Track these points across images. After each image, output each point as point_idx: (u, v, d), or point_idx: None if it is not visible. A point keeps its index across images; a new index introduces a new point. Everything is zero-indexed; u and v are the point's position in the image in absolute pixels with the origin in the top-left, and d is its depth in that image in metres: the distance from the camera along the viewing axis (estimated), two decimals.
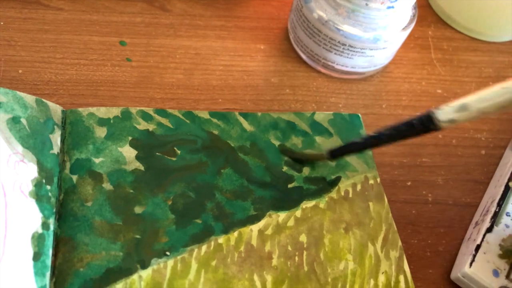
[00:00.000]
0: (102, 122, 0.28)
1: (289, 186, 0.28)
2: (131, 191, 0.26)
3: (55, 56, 0.32)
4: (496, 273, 0.26)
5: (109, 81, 0.31)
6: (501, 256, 0.26)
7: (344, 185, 0.29)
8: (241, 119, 0.30)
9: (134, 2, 0.36)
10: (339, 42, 0.31)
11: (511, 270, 0.26)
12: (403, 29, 0.32)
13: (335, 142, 0.30)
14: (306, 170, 0.29)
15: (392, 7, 0.30)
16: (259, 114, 0.31)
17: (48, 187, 0.24)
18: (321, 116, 0.31)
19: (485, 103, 0.21)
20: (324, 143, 0.30)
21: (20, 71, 0.31)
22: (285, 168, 0.29)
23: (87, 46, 0.33)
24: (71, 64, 0.32)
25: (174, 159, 0.27)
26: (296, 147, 0.30)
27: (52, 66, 0.31)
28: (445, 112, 0.22)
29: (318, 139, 0.30)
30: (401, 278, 0.26)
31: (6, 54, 0.31)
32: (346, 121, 0.31)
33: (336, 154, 0.28)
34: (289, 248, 0.26)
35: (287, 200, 0.27)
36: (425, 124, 0.23)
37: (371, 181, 0.29)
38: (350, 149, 0.27)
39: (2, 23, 0.33)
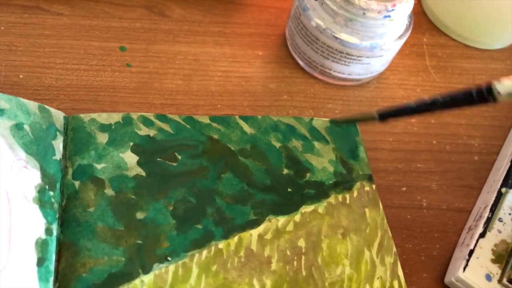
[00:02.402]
0: (103, 128, 0.28)
1: (289, 190, 0.29)
2: (133, 196, 0.26)
3: (56, 61, 0.32)
4: (488, 277, 0.27)
5: (109, 87, 0.32)
6: (493, 261, 0.27)
7: (341, 190, 0.29)
8: (241, 122, 0.31)
9: (134, 7, 0.36)
10: (336, 49, 0.32)
11: (503, 275, 0.27)
12: (399, 37, 0.32)
13: (331, 149, 0.31)
14: (306, 174, 0.29)
15: (389, 16, 0.30)
16: (259, 117, 0.31)
17: (51, 193, 0.25)
18: (319, 123, 0.32)
19: None
20: (323, 149, 0.31)
21: (21, 76, 0.31)
22: (285, 171, 0.29)
23: (87, 51, 0.33)
24: (71, 70, 0.32)
25: (174, 164, 0.28)
26: (297, 150, 0.30)
27: (52, 71, 0.32)
28: (505, 86, 0.22)
29: (317, 144, 0.31)
30: (395, 283, 0.27)
31: (7, 59, 0.31)
32: (342, 128, 0.32)
33: (386, 115, 0.28)
34: (288, 252, 0.26)
35: (286, 204, 0.28)
36: (484, 96, 0.23)
37: (367, 188, 0.30)
38: (402, 111, 0.27)
39: (2, 28, 0.33)
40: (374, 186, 0.30)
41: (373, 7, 0.30)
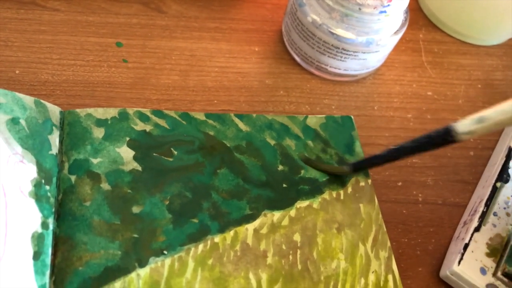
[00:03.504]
0: (99, 123, 0.28)
1: (284, 185, 0.29)
2: (129, 191, 0.26)
3: (52, 57, 0.32)
4: (483, 271, 0.27)
5: (105, 82, 0.32)
6: (488, 255, 0.27)
7: (336, 186, 0.29)
8: (237, 120, 0.31)
9: (130, 3, 0.36)
10: (332, 45, 0.32)
11: (498, 268, 0.27)
12: (395, 32, 0.32)
13: (326, 147, 0.31)
14: (300, 171, 0.29)
15: (385, 11, 0.30)
16: (254, 115, 0.31)
17: (47, 187, 0.25)
18: (314, 120, 0.32)
19: (502, 116, 0.21)
20: (316, 147, 0.31)
21: (17, 72, 0.31)
22: (280, 167, 0.29)
23: (84, 47, 0.33)
24: (67, 65, 0.32)
25: (171, 159, 0.28)
26: (290, 148, 0.30)
27: (49, 67, 0.32)
28: (463, 125, 0.23)
29: (309, 143, 0.31)
30: (390, 277, 0.27)
31: (3, 55, 0.31)
32: (338, 124, 0.32)
33: (358, 167, 0.29)
34: (284, 247, 0.27)
35: (282, 199, 0.28)
36: (444, 137, 0.24)
37: (362, 183, 0.30)
38: (372, 162, 0.28)
39: None
40: (369, 181, 0.30)
41: (369, 2, 0.30)
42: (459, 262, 0.27)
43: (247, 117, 0.31)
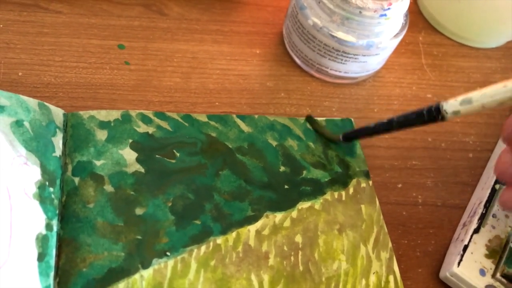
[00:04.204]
0: (102, 125, 0.28)
1: (286, 187, 0.29)
2: (132, 193, 0.27)
3: (54, 59, 0.32)
4: (482, 272, 0.27)
5: (108, 84, 0.32)
6: (487, 256, 0.28)
7: (337, 187, 0.30)
8: (239, 121, 0.31)
9: (132, 6, 0.36)
10: (333, 48, 0.32)
11: (497, 270, 0.27)
12: (395, 36, 0.33)
13: (326, 149, 0.31)
14: (302, 172, 0.30)
15: (385, 15, 0.31)
16: (256, 116, 0.31)
17: (51, 189, 0.25)
18: None
19: (487, 99, 0.22)
20: (317, 148, 0.31)
21: (20, 74, 0.31)
22: (282, 168, 0.30)
23: (86, 49, 0.33)
24: (70, 67, 0.32)
25: (173, 161, 0.28)
26: (293, 149, 0.31)
27: (51, 69, 0.32)
28: (451, 105, 0.23)
29: (311, 144, 0.31)
30: (391, 278, 0.27)
31: (6, 57, 0.32)
32: (338, 127, 0.32)
33: (349, 137, 0.30)
34: (285, 248, 0.27)
35: (284, 200, 0.28)
36: (433, 114, 0.24)
37: (363, 184, 0.30)
38: (362, 133, 0.30)
39: (1, 26, 0.33)
40: (370, 182, 0.30)
41: (369, 6, 0.30)
42: (458, 264, 0.27)
43: (249, 118, 0.31)
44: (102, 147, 0.28)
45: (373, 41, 0.32)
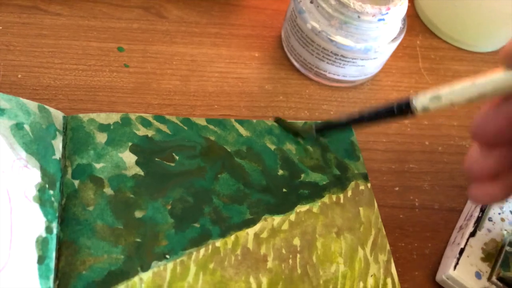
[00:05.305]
0: (102, 128, 0.28)
1: (284, 190, 0.29)
2: (132, 195, 0.27)
3: (54, 61, 0.32)
4: (478, 275, 0.27)
5: (107, 87, 0.32)
6: (483, 259, 0.28)
7: (336, 190, 0.30)
8: (237, 125, 0.31)
9: (131, 8, 0.36)
10: (331, 52, 0.32)
11: (493, 273, 0.27)
12: (393, 40, 0.33)
13: (325, 152, 0.31)
14: (300, 175, 0.30)
15: (383, 19, 0.31)
16: (254, 121, 0.32)
17: (51, 192, 0.25)
18: None
19: (456, 96, 0.22)
20: (316, 151, 0.31)
21: (19, 76, 0.31)
22: (280, 172, 0.30)
23: (85, 51, 0.33)
24: (69, 70, 0.32)
25: (172, 164, 0.28)
26: (291, 152, 0.31)
27: (51, 71, 0.32)
28: (420, 100, 0.23)
29: (309, 148, 0.31)
30: (389, 281, 0.27)
31: (5, 59, 0.32)
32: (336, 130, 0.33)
33: (320, 128, 0.31)
34: (284, 251, 0.27)
35: (282, 204, 0.29)
36: (402, 109, 0.24)
37: (362, 187, 0.30)
38: (334, 126, 0.30)
39: (0, 28, 0.33)
40: (369, 185, 0.31)
41: (367, 10, 0.30)
42: (454, 267, 0.27)
43: (247, 122, 0.31)
44: (102, 150, 0.28)
45: (371, 45, 0.32)
